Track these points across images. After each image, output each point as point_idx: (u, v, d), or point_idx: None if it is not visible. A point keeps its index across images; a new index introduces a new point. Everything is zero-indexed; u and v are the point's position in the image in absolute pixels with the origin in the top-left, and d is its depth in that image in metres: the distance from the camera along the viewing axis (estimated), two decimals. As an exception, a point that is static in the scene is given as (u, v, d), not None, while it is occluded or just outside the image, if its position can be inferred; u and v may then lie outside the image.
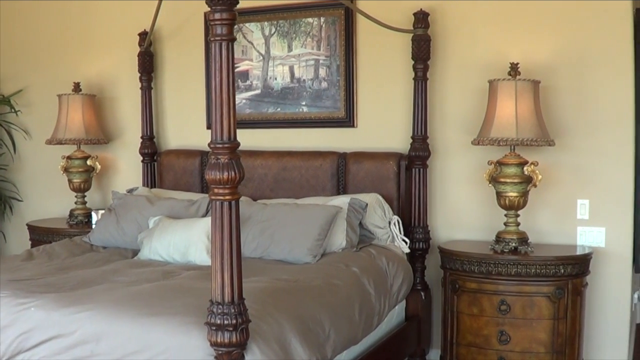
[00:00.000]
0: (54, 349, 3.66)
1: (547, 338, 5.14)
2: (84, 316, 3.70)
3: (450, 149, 5.94)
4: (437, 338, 5.85)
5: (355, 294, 4.63)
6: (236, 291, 3.26)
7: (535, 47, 5.67)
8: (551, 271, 5.10)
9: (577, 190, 5.64)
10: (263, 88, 6.42)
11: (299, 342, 3.72)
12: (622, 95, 5.50)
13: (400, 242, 5.65)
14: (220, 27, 3.19)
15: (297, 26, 6.28)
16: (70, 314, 3.73)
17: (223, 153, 3.19)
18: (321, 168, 5.96)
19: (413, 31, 5.73)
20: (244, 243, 5.03)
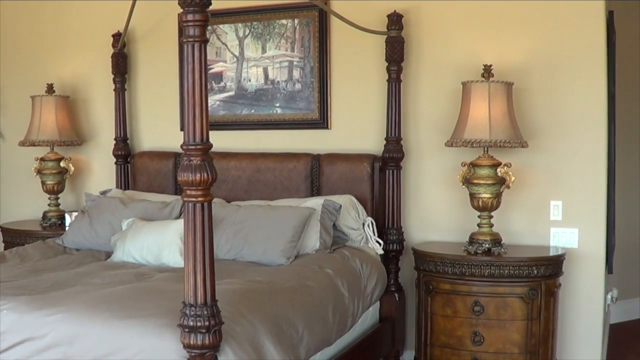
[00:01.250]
0: (26, 352, 3.63)
1: (521, 339, 5.15)
2: (57, 319, 3.67)
3: (423, 151, 5.95)
4: (411, 339, 5.85)
5: (329, 295, 4.63)
6: (209, 293, 3.25)
7: (508, 49, 5.69)
8: (524, 272, 5.12)
9: (550, 191, 5.67)
10: (237, 90, 6.41)
11: (272, 343, 3.71)
12: (594, 97, 5.53)
13: (374, 244, 5.66)
14: (193, 29, 3.18)
15: (271, 28, 6.28)
16: (42, 316, 3.70)
17: (195, 154, 3.18)
18: (295, 170, 5.96)
19: (387, 33, 5.73)
20: (218, 245, 5.03)
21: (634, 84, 7.52)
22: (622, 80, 6.67)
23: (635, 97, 7.57)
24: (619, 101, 6.36)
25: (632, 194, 7.60)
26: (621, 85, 6.60)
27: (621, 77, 6.58)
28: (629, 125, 7.34)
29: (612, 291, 6.50)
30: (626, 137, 7.23)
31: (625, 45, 6.93)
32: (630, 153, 7.51)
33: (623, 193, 7.08)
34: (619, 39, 6.32)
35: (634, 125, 7.54)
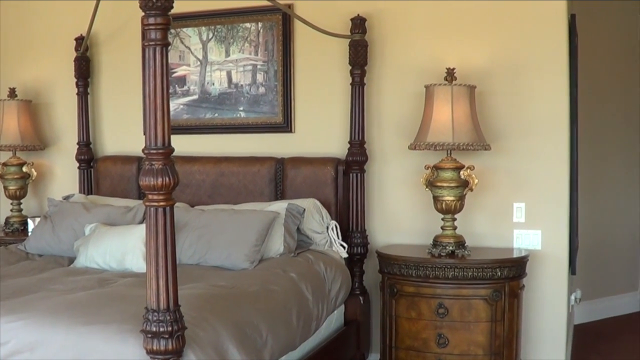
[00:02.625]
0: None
1: (485, 340, 5.17)
2: (19, 325, 3.63)
3: (387, 154, 5.97)
4: (376, 342, 5.85)
5: (293, 299, 4.62)
6: (172, 298, 3.23)
7: (471, 52, 5.71)
8: (488, 274, 5.14)
9: (513, 193, 5.70)
10: (200, 93, 6.40)
11: (236, 348, 3.69)
12: (557, 100, 5.57)
13: (338, 247, 5.66)
14: (155, 32, 3.16)
15: (235, 31, 6.27)
16: (4, 323, 3.65)
17: (157, 159, 3.16)
18: (259, 173, 5.95)
19: (350, 36, 5.74)
20: (181, 249, 5.02)
21: (596, 87, 7.58)
22: (584, 83, 6.71)
23: (598, 99, 7.63)
24: (581, 103, 6.40)
25: (594, 195, 7.66)
26: (583, 88, 6.64)
27: (583, 80, 6.62)
28: (591, 127, 7.39)
29: (575, 292, 6.54)
30: (588, 139, 7.27)
31: (587, 48, 6.98)
32: (593, 155, 7.56)
33: (586, 195, 7.12)
34: (581, 42, 6.36)
35: (596, 127, 7.60)
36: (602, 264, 7.85)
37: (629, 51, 8.04)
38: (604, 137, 7.83)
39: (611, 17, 7.80)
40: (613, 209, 8.00)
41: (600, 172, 7.81)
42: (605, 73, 7.77)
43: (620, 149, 8.05)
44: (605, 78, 7.78)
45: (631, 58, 8.07)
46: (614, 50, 7.88)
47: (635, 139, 8.18)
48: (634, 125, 8.15)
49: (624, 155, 8.10)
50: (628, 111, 8.09)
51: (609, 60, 7.81)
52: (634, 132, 8.17)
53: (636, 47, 8.10)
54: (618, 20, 7.90)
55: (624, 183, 8.11)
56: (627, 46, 8.03)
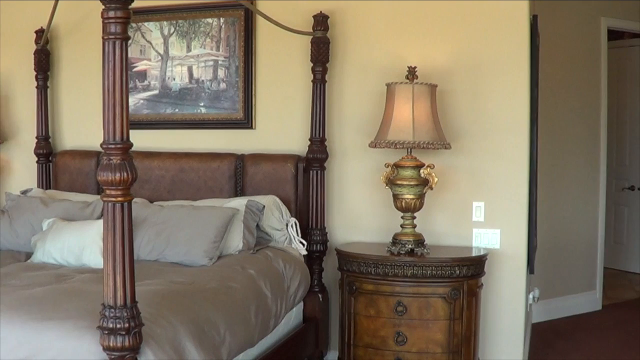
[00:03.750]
0: (-59, 355, 3.56)
1: (443, 338, 5.19)
2: (-26, 321, 3.60)
3: (348, 152, 5.97)
4: (334, 340, 5.86)
5: (252, 296, 4.61)
6: (129, 294, 3.20)
7: (433, 51, 5.73)
8: (447, 272, 5.15)
9: (473, 192, 5.73)
10: (161, 88, 6.36)
11: (194, 345, 3.68)
12: (517, 100, 5.60)
13: (298, 244, 5.66)
14: (114, 26, 3.13)
15: (197, 26, 6.24)
16: (-41, 318, 3.63)
17: (115, 154, 3.13)
18: (219, 170, 5.93)
19: (312, 33, 5.73)
20: (140, 245, 5.00)
21: (557, 87, 7.62)
22: (544, 83, 6.75)
23: (558, 100, 7.68)
24: (541, 104, 6.43)
25: (553, 195, 7.70)
26: (544, 88, 6.68)
27: (544, 80, 6.66)
28: (551, 127, 7.43)
29: (533, 291, 6.57)
30: (548, 140, 7.31)
31: (548, 48, 7.01)
32: (552, 155, 7.60)
33: (544, 194, 7.17)
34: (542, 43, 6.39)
35: (555, 128, 7.64)
36: (560, 263, 7.90)
37: (589, 52, 8.09)
38: (564, 138, 7.88)
39: (573, 18, 7.84)
40: (571, 209, 8.05)
41: (560, 172, 7.86)
42: (565, 74, 7.81)
43: (580, 150, 8.10)
44: (565, 79, 7.82)
45: (592, 59, 8.12)
46: (575, 52, 7.92)
47: (595, 140, 8.24)
48: (593, 126, 8.21)
49: (583, 155, 8.15)
50: (588, 112, 8.14)
51: (569, 61, 7.85)
52: (593, 133, 8.22)
53: (597, 49, 8.15)
54: (579, 21, 7.95)
55: (582, 184, 8.16)
56: (588, 47, 8.07)
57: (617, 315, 8.15)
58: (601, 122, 8.27)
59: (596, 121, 8.23)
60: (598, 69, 8.18)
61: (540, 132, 6.40)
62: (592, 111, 8.18)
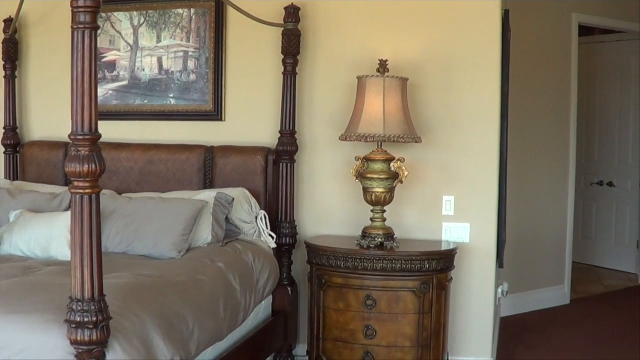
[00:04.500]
0: None
1: (413, 332, 5.19)
2: (-62, 314, 3.55)
3: (318, 144, 5.95)
4: (304, 333, 5.85)
5: (221, 289, 4.58)
6: (97, 288, 3.16)
7: (404, 44, 5.73)
8: (416, 266, 5.15)
9: (443, 186, 5.74)
10: (130, 79, 6.31)
11: (162, 339, 3.65)
12: (488, 94, 5.62)
13: (267, 237, 5.64)
14: (84, 15, 3.08)
15: (167, 17, 6.19)
16: None
17: (84, 145, 3.09)
18: (188, 162, 5.89)
19: (284, 25, 5.71)
20: (108, 238, 4.95)
21: (527, 82, 7.64)
22: (515, 78, 6.76)
23: (528, 95, 7.70)
24: (511, 99, 6.44)
25: (522, 190, 7.72)
26: (514, 83, 6.68)
27: (515, 75, 6.66)
28: (521, 122, 7.45)
29: (502, 285, 6.59)
30: (518, 135, 7.33)
31: (520, 43, 7.02)
32: (522, 150, 7.62)
33: (514, 189, 7.18)
34: (514, 38, 6.40)
35: (525, 122, 7.66)
36: (529, 258, 7.93)
37: (560, 48, 8.11)
38: (534, 133, 7.90)
39: (544, 14, 7.86)
40: (541, 204, 8.08)
41: (529, 167, 7.88)
42: (536, 69, 7.83)
43: (549, 145, 8.13)
44: (536, 74, 7.84)
45: (562, 55, 8.14)
46: (546, 47, 7.94)
47: (564, 135, 8.27)
48: (563, 121, 8.24)
49: (553, 151, 8.18)
50: (558, 108, 8.17)
51: (540, 57, 7.87)
52: (563, 128, 8.25)
53: (568, 45, 8.18)
54: (551, 17, 7.97)
55: (552, 179, 8.19)
56: (559, 43, 8.10)
57: (585, 310, 8.19)
58: (571, 117, 8.30)
59: (566, 116, 8.26)
60: (569, 65, 8.21)
61: (511, 127, 6.41)
62: (562, 106, 8.21)
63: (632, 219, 9.86)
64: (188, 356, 3.91)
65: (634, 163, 9.75)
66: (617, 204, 10.09)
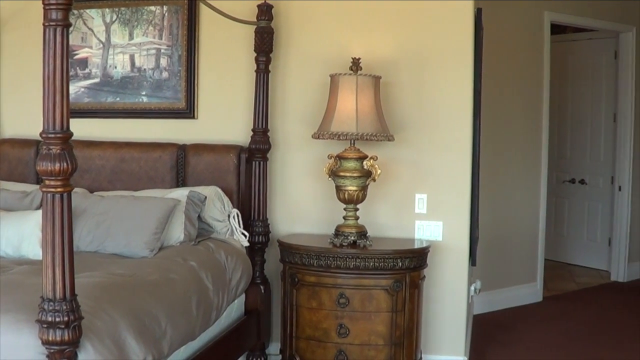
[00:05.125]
0: None
1: (386, 330, 5.19)
2: None
3: (291, 142, 5.95)
4: (276, 332, 5.84)
5: (193, 288, 4.57)
6: (68, 287, 3.14)
7: (377, 43, 5.73)
8: (389, 264, 5.16)
9: (416, 184, 5.75)
10: (102, 77, 6.27)
11: (134, 338, 3.64)
12: (461, 92, 5.64)
13: (240, 236, 5.62)
14: (55, 12, 3.05)
15: (139, 14, 6.16)
16: None
17: (55, 143, 3.07)
18: (160, 160, 5.86)
19: (256, 23, 5.69)
20: (79, 236, 4.92)
21: (500, 81, 7.67)
22: (488, 77, 6.77)
23: (501, 92, 7.73)
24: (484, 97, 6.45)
25: (495, 187, 7.75)
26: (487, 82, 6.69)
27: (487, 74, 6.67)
28: (493, 121, 7.47)
29: (475, 283, 6.61)
30: (490, 132, 7.35)
31: (492, 42, 7.04)
32: (494, 148, 7.64)
33: (486, 187, 7.20)
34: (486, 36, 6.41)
35: (498, 121, 7.68)
36: (502, 255, 7.96)
37: (532, 46, 8.15)
38: (506, 131, 7.93)
39: (516, 12, 7.90)
40: (513, 202, 8.11)
41: (502, 164, 7.91)
42: (509, 67, 7.87)
43: (522, 143, 8.17)
44: (508, 72, 7.88)
45: (535, 53, 8.18)
46: (519, 45, 7.98)
47: (537, 132, 8.31)
48: (535, 119, 8.27)
49: (525, 148, 8.22)
50: (530, 105, 8.21)
51: (513, 55, 7.91)
52: (535, 126, 8.29)
53: (540, 43, 8.21)
54: (523, 15, 8.00)
55: (524, 176, 8.22)
56: (531, 41, 8.13)
57: (558, 307, 8.23)
58: (543, 115, 8.34)
59: (538, 114, 8.29)
60: (541, 63, 8.25)
61: (483, 125, 6.42)
62: (534, 104, 8.25)
63: (603, 216, 9.91)
64: (160, 355, 3.90)
65: (606, 160, 9.80)
66: (589, 202, 10.14)
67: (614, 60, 9.52)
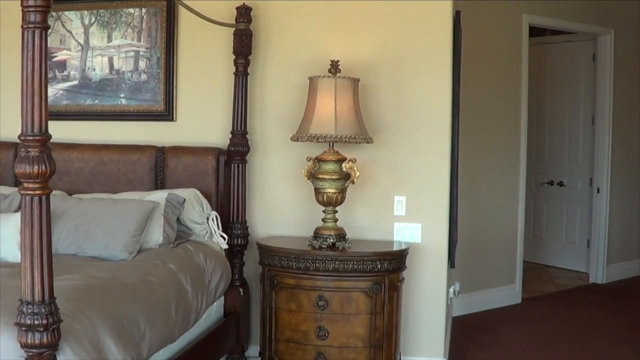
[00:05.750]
0: None
1: (365, 333, 5.19)
2: None
3: (270, 145, 5.95)
4: (256, 334, 5.84)
5: (172, 291, 4.56)
6: (47, 290, 3.14)
7: (356, 45, 5.74)
8: (368, 267, 5.16)
9: (395, 187, 5.76)
10: (81, 79, 6.26)
11: (113, 341, 3.63)
12: (439, 94, 5.66)
13: (219, 238, 5.62)
14: (34, 14, 3.05)
15: (118, 16, 6.15)
16: None
17: (33, 146, 3.06)
18: (139, 162, 5.85)
19: (235, 25, 5.69)
20: (58, 239, 4.90)
21: (478, 83, 7.68)
22: (466, 79, 6.79)
23: (479, 95, 7.74)
24: (463, 99, 6.47)
25: (474, 190, 7.77)
26: (465, 84, 6.72)
27: (466, 76, 6.70)
28: (472, 123, 7.49)
29: (454, 285, 6.63)
30: (469, 135, 7.37)
31: (471, 44, 7.06)
32: (473, 150, 7.66)
33: (465, 189, 7.22)
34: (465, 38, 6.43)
35: (477, 123, 7.70)
36: (481, 257, 7.98)
37: (511, 48, 8.17)
38: (485, 133, 7.95)
39: (495, 14, 7.92)
40: (492, 204, 8.13)
41: (480, 167, 7.93)
42: (487, 69, 7.88)
43: (500, 145, 8.19)
44: (487, 74, 7.89)
45: (513, 55, 8.20)
46: (497, 48, 8.00)
47: (515, 135, 8.33)
48: (513, 121, 8.29)
49: (504, 150, 8.24)
50: (508, 108, 8.23)
51: (491, 57, 7.93)
52: (514, 128, 8.31)
53: (518, 45, 8.23)
54: (502, 17, 8.03)
55: (503, 178, 8.24)
56: (509, 44, 8.16)
57: (537, 309, 8.25)
58: (521, 117, 8.37)
59: (516, 116, 8.32)
60: (519, 65, 8.27)
61: (462, 127, 6.45)
62: (513, 106, 8.27)
63: (582, 218, 9.95)
64: (139, 358, 3.89)
65: (584, 163, 9.84)
66: (568, 204, 10.18)
67: (592, 63, 9.56)
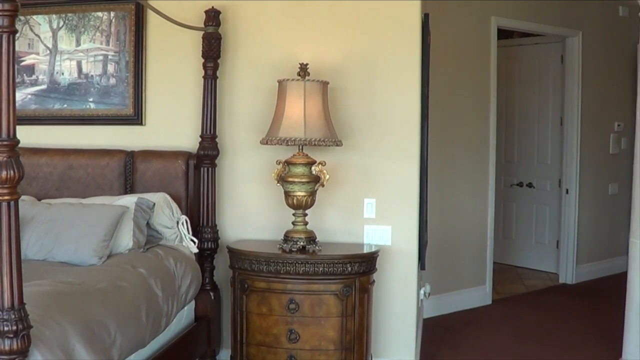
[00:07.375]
0: None
1: (336, 335, 5.20)
2: None
3: (239, 148, 5.94)
4: (227, 338, 5.83)
5: (142, 295, 4.55)
6: (16, 296, 3.11)
7: (325, 48, 5.74)
8: (339, 269, 5.16)
9: (364, 189, 5.77)
10: (49, 83, 6.23)
11: (84, 347, 3.62)
12: (408, 97, 5.67)
13: (189, 242, 5.61)
14: (2, 19, 3.03)
15: (86, 20, 6.13)
16: None
17: (1, 151, 3.02)
18: (108, 167, 5.83)
19: (204, 29, 5.69)
20: (27, 244, 4.87)
21: (447, 85, 7.71)
22: (435, 81, 6.82)
23: (448, 97, 7.76)
24: (432, 101, 6.49)
25: (443, 191, 7.80)
26: (434, 86, 6.74)
27: (435, 78, 6.72)
28: (441, 125, 7.52)
29: (424, 286, 6.64)
30: (439, 137, 7.40)
31: (439, 47, 7.09)
32: (443, 152, 7.69)
33: (435, 191, 7.25)
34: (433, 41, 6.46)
35: (446, 124, 7.73)
36: (451, 259, 8.01)
37: (479, 51, 8.20)
38: (454, 135, 7.97)
39: (463, 17, 7.95)
40: (461, 206, 8.16)
41: (450, 169, 7.96)
42: (456, 72, 7.91)
43: (469, 147, 8.21)
44: (456, 77, 7.92)
45: (482, 58, 8.23)
46: (466, 50, 8.03)
47: (484, 136, 8.36)
48: (482, 123, 8.32)
49: (473, 152, 8.26)
50: (477, 110, 8.26)
51: (460, 59, 7.96)
52: (483, 130, 8.34)
53: (487, 47, 8.26)
54: (470, 20, 8.06)
55: (472, 180, 8.27)
56: (478, 46, 8.19)
57: (507, 309, 8.29)
58: (490, 119, 8.40)
59: (485, 118, 8.35)
60: (488, 67, 8.30)
61: (431, 130, 6.47)
62: (482, 108, 8.30)
63: (551, 219, 10.00)
64: (110, 363, 3.88)
65: (553, 164, 9.90)
66: (537, 205, 10.23)
67: (561, 65, 9.62)
